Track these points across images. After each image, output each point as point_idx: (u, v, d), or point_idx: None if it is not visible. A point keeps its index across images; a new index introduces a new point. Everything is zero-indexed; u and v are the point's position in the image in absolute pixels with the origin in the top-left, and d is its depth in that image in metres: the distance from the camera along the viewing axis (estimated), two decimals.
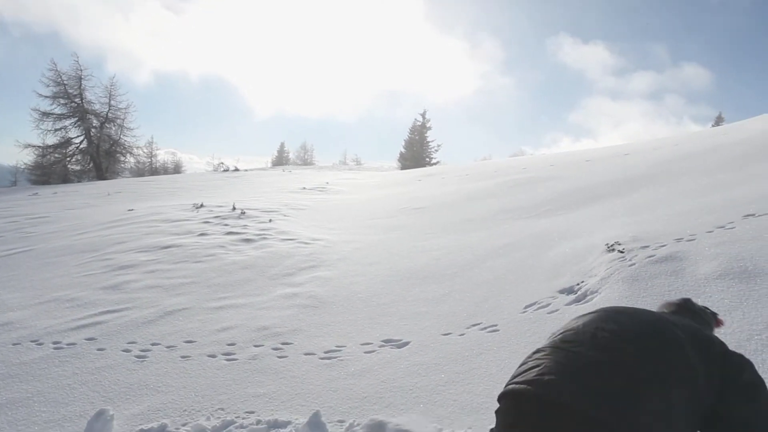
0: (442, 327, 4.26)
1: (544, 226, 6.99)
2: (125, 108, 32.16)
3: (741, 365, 1.51)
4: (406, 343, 4.04)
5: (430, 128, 44.01)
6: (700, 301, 3.54)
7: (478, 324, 4.17)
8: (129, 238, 8.57)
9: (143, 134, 60.99)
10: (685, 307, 1.85)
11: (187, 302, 5.37)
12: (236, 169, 22.50)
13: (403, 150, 43.82)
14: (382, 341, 4.14)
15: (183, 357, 4.16)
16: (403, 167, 34.24)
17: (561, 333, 1.54)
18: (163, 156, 47.16)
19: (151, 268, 6.75)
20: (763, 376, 2.59)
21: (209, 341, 4.41)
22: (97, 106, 31.51)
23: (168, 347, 4.36)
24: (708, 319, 1.86)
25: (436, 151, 43.84)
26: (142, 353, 4.29)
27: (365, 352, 3.97)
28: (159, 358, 4.19)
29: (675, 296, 3.74)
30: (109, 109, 31.75)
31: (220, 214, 9.52)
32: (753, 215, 5.10)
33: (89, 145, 31.21)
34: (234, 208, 9.86)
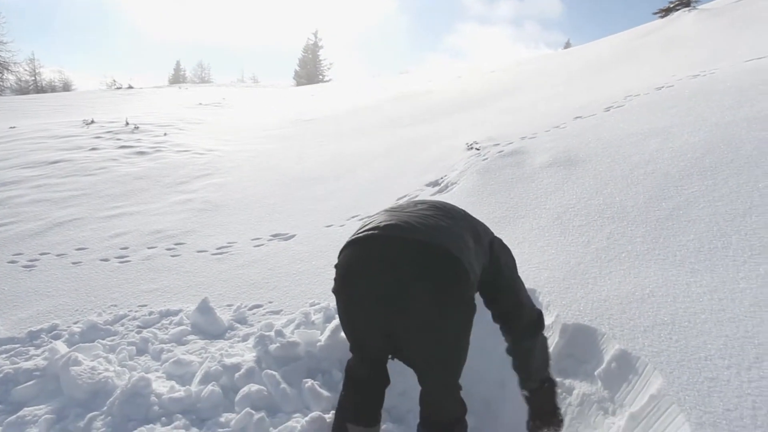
0: (325, 220, 4.22)
1: (420, 132, 7.06)
2: None
3: (499, 239, 1.83)
4: (293, 236, 3.97)
5: (322, 47, 41.66)
6: (533, 186, 3.87)
7: (357, 215, 4.20)
8: (12, 155, 7.29)
9: (20, 49, 50.17)
10: None
11: (78, 213, 4.77)
12: (130, 87, 19.49)
13: (297, 68, 41.31)
14: (271, 235, 4.03)
15: (74, 263, 3.74)
16: (299, 84, 32.28)
17: (386, 209, 1.65)
18: (48, 74, 39.79)
19: (37, 183, 5.85)
20: (571, 235, 2.88)
21: (102, 247, 4.00)
22: None
23: (58, 255, 3.89)
24: None
25: (329, 69, 41.93)
26: (30, 263, 3.79)
27: (255, 246, 3.85)
28: (48, 266, 3.73)
29: (516, 183, 4.02)
30: None
31: (112, 130, 8.38)
32: (581, 117, 5.50)
33: None
34: (127, 123, 8.72)
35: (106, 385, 2.00)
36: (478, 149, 4.84)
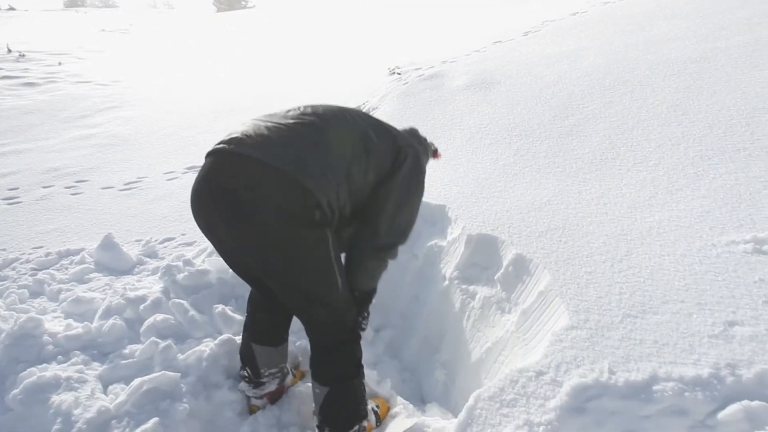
0: None
1: (346, 60, 6.71)
2: None
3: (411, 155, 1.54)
4: None
5: None
6: (450, 108, 3.82)
7: None
8: None
9: None
10: (412, 132, 1.80)
11: None
12: (11, 9, 16.04)
13: None
14: (186, 168, 3.73)
15: None
16: (219, 11, 28.86)
17: (268, 114, 1.46)
18: None
19: None
20: (482, 153, 2.89)
21: None
22: None
23: None
24: (427, 147, 1.82)
25: None
26: None
27: (167, 180, 3.55)
28: None
29: (434, 105, 3.94)
30: None
31: None
32: (500, 42, 5.42)
33: None
34: (9, 51, 7.44)
35: None
36: (399, 74, 4.67)
